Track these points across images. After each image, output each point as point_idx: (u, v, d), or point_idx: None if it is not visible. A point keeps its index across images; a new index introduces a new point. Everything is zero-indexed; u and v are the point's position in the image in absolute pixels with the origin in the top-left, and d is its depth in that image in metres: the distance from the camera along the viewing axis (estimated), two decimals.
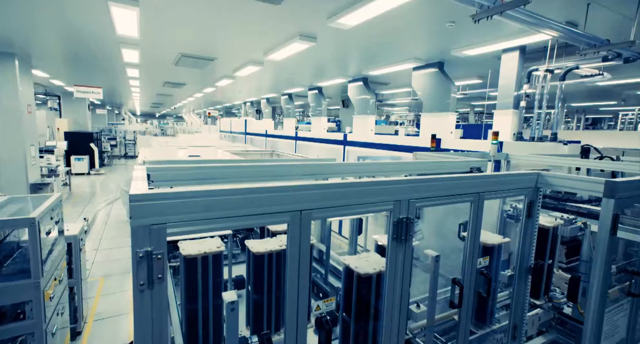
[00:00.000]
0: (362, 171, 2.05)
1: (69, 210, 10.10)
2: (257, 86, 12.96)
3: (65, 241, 3.62)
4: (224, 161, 2.66)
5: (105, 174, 17.25)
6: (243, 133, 16.15)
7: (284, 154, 4.16)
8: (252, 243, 2.08)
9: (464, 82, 9.89)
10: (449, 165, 2.42)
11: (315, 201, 1.14)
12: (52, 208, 2.97)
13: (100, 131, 22.92)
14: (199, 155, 2.88)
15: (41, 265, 2.59)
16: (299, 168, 1.80)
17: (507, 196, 1.81)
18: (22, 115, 8.57)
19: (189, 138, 6.57)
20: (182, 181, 1.52)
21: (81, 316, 3.95)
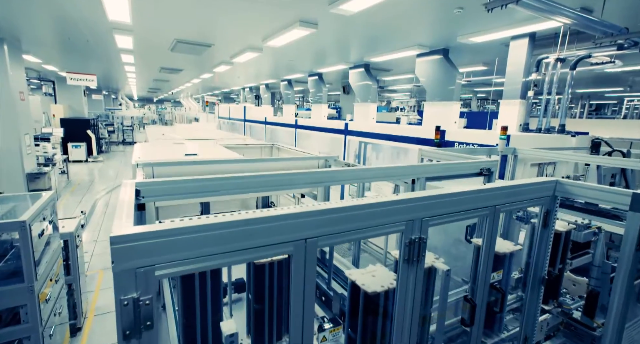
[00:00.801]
0: (368, 176, 1.93)
1: (67, 199, 10.03)
2: (256, 72, 12.63)
3: (61, 238, 3.54)
4: (222, 161, 2.54)
5: (104, 161, 17.11)
6: (242, 119, 15.89)
7: (283, 148, 4.02)
8: None
9: (469, 68, 9.61)
10: (458, 167, 2.30)
11: (321, 227, 1.03)
12: (44, 207, 2.86)
13: (97, 117, 22.59)
14: (196, 153, 2.74)
15: (34, 268, 2.51)
16: (302, 177, 1.68)
17: (523, 207, 1.71)
18: (14, 102, 8.35)
19: (187, 129, 6.40)
20: (175, 195, 1.40)
21: (80, 311, 3.92)
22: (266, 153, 4.26)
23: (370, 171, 1.91)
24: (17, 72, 8.69)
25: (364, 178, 1.92)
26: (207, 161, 2.49)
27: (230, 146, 3.95)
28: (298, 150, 3.70)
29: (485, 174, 2.45)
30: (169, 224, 0.82)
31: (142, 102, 48.19)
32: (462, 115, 7.64)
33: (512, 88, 5.62)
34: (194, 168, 2.52)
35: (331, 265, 2.47)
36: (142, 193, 1.32)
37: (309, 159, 2.95)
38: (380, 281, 1.54)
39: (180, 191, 1.39)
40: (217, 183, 1.47)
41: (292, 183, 1.65)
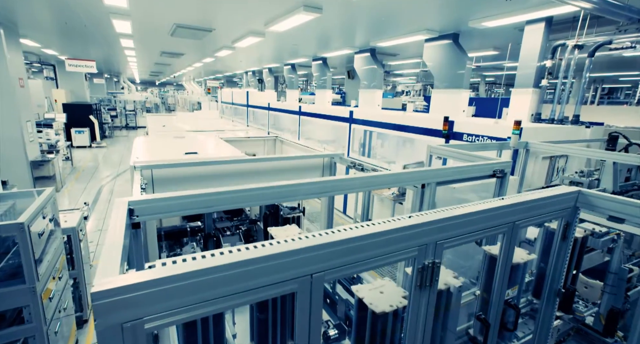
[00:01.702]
0: (376, 183, 1.82)
1: (72, 187, 10.07)
2: (258, 56, 12.31)
3: (64, 233, 3.52)
4: (223, 162, 2.44)
5: (107, 147, 17.09)
6: (245, 105, 15.66)
7: (287, 141, 3.89)
8: None
9: (479, 53, 9.25)
10: (470, 170, 2.19)
11: (327, 261, 0.94)
12: (43, 206, 2.81)
13: (100, 101, 22.40)
14: (196, 151, 2.64)
15: (35, 269, 2.48)
16: (305, 188, 1.58)
17: (543, 222, 1.60)
18: (14, 89, 8.22)
19: (188, 118, 6.27)
20: (171, 212, 1.31)
21: (86, 304, 3.96)
22: (269, 145, 4.15)
23: (378, 178, 1.80)
24: (15, 57, 8.51)
25: (371, 186, 1.82)
26: (207, 162, 2.40)
27: (231, 139, 3.84)
28: (301, 144, 3.57)
29: (499, 176, 2.33)
30: (161, 271, 0.74)
31: (144, 85, 47.72)
32: (471, 103, 7.38)
33: (525, 76, 5.37)
34: (194, 169, 2.43)
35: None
36: (136, 212, 1.23)
37: (313, 157, 2.84)
38: (389, 299, 1.46)
39: (176, 208, 1.31)
40: (216, 198, 1.38)
41: (294, 195, 1.56)
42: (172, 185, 2.42)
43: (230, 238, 3.46)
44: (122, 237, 0.94)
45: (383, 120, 6.78)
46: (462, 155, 2.64)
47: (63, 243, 3.41)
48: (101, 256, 0.83)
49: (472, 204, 1.33)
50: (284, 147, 4.06)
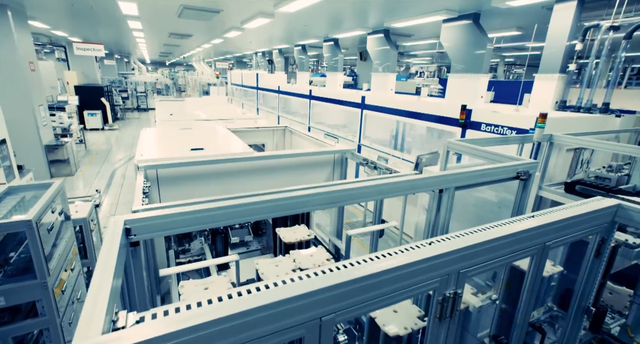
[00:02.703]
0: (393, 190, 1.69)
1: (86, 170, 10.23)
2: (268, 37, 11.93)
3: (75, 224, 3.54)
4: (230, 160, 2.34)
5: (120, 129, 17.22)
6: (255, 87, 15.42)
7: (296, 132, 3.77)
8: (262, 268, 1.85)
9: (499, 34, 8.71)
10: (492, 173, 2.03)
11: (339, 302, 0.84)
12: (52, 200, 2.79)
13: (111, 83, 22.42)
14: (202, 147, 2.54)
15: (45, 265, 2.49)
16: (315, 198, 1.46)
17: (576, 240, 1.46)
18: (25, 73, 8.20)
19: (196, 104, 6.16)
20: (171, 229, 1.23)
21: None
22: (278, 136, 4.02)
23: (393, 185, 1.67)
24: (25, 40, 8.43)
25: (385, 193, 1.69)
26: (212, 160, 2.30)
27: (239, 130, 3.72)
28: (312, 136, 3.44)
29: (523, 178, 2.17)
30: (151, 328, 0.64)
31: (155, 66, 47.51)
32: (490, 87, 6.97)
33: (551, 60, 5.00)
34: (200, 168, 2.34)
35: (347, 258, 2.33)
36: (133, 231, 1.15)
37: (323, 153, 2.72)
38: (403, 319, 1.38)
39: (177, 225, 1.22)
40: (219, 213, 1.28)
41: (303, 206, 1.45)
42: (177, 183, 2.34)
43: (239, 231, 3.41)
44: (112, 273, 0.85)
45: (397, 107, 6.53)
46: (482, 153, 2.46)
47: (75, 233, 3.43)
48: (85, 303, 0.74)
49: (498, 225, 1.20)
50: (293, 137, 3.94)
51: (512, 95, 7.71)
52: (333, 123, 9.89)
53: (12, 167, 6.81)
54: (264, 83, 14.24)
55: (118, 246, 1.03)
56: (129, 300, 1.20)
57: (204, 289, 1.41)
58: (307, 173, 2.79)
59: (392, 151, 6.69)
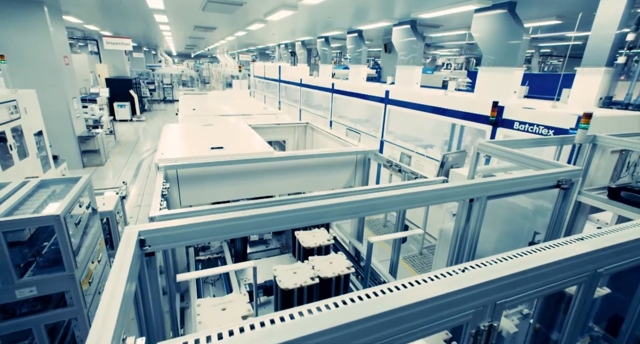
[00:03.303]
0: (420, 199, 1.58)
1: (115, 160, 10.64)
2: (291, 29, 11.81)
3: (101, 216, 3.66)
4: (249, 161, 2.30)
5: (147, 120, 17.78)
6: (277, 80, 15.41)
7: (318, 129, 3.68)
8: (280, 275, 1.81)
9: (537, 23, 8.15)
10: (529, 182, 1.86)
11: (367, 335, 0.76)
12: (79, 195, 2.88)
13: (139, 75, 23.13)
14: (222, 146, 2.52)
15: (73, 258, 2.57)
16: (336, 209, 1.38)
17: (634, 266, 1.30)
18: (60, 67, 8.56)
19: (219, 98, 6.19)
20: (186, 240, 1.19)
21: None
22: (300, 133, 3.95)
23: (419, 194, 1.56)
24: (59, 35, 8.77)
25: (412, 203, 1.58)
26: (232, 161, 2.27)
27: (260, 127, 3.68)
28: (333, 134, 3.34)
29: (564, 187, 1.98)
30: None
31: (180, 58, 48.58)
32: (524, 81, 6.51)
33: (597, 52, 4.58)
34: (219, 168, 2.31)
35: (368, 265, 2.25)
36: (147, 242, 1.12)
37: (346, 154, 2.62)
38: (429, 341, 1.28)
39: (192, 235, 1.18)
40: (237, 224, 1.23)
41: (324, 217, 1.37)
42: (197, 183, 2.33)
43: None
44: (122, 291, 0.81)
45: (422, 102, 6.28)
46: (517, 158, 2.28)
47: (102, 225, 3.55)
48: (92, 325, 0.71)
49: (541, 249, 1.08)
50: (315, 134, 3.85)
51: (549, 89, 7.20)
52: (356, 117, 9.71)
53: (48, 157, 7.17)
54: (286, 76, 14.18)
55: (131, 258, 1.00)
56: (143, 310, 1.18)
57: (221, 310, 1.37)
58: (328, 174, 2.71)
59: (416, 148, 6.47)
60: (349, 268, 1.89)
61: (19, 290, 2.50)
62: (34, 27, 7.95)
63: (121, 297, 0.85)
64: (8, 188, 2.85)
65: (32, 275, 2.55)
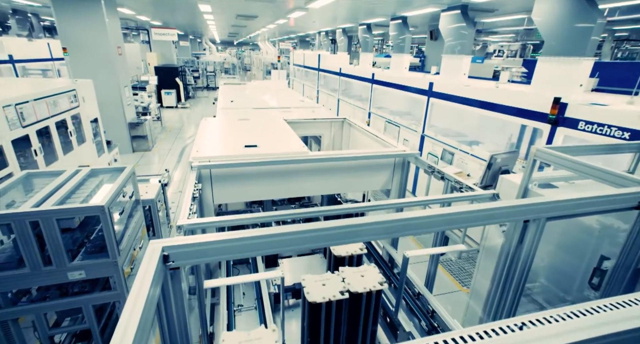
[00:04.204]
0: (464, 220, 1.41)
1: (161, 146, 11.25)
2: (332, 16, 11.51)
3: (144, 204, 3.84)
4: (282, 162, 2.23)
5: (190, 107, 18.57)
6: (316, 69, 15.24)
7: (355, 125, 3.54)
8: (308, 286, 1.73)
9: (615, 4, 7.12)
10: (600, 202, 1.59)
11: None
12: (123, 185, 3.02)
13: (185, 63, 24.11)
14: (256, 144, 2.47)
15: (116, 246, 2.72)
16: (369, 229, 1.26)
17: None
18: (114, 57, 9.09)
19: (257, 89, 6.21)
20: (211, 257, 1.14)
21: None
22: (336, 129, 3.82)
23: (464, 215, 1.38)
24: (114, 27, 9.27)
25: (455, 223, 1.41)
26: (265, 162, 2.21)
27: (296, 121, 3.61)
28: (371, 131, 3.17)
29: None
30: None
31: (224, 45, 49.90)
32: (593, 72, 5.64)
33: None
34: (253, 169, 2.27)
35: (402, 282, 2.12)
36: (171, 258, 1.08)
37: (384, 157, 2.46)
38: None
39: (218, 252, 1.12)
40: (264, 242, 1.15)
41: (354, 236, 1.26)
42: (230, 182, 2.32)
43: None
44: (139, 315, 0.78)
45: (469, 96, 5.82)
46: (587, 170, 1.98)
47: (144, 213, 3.74)
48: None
49: (628, 312, 0.88)
50: (352, 131, 3.70)
51: (625, 80, 6.26)
52: (395, 109, 9.33)
53: (102, 142, 7.72)
54: (325, 65, 13.96)
55: (153, 274, 0.97)
56: (167, 325, 1.17)
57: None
58: (364, 176, 2.58)
59: (459, 145, 6.05)
60: (382, 284, 1.77)
61: (70, 272, 2.70)
62: (91, 19, 8.46)
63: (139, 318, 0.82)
64: (62, 176, 3.06)
65: (81, 259, 2.74)
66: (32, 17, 15.42)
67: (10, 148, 4.43)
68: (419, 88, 7.19)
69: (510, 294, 1.86)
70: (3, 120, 4.36)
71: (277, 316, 2.28)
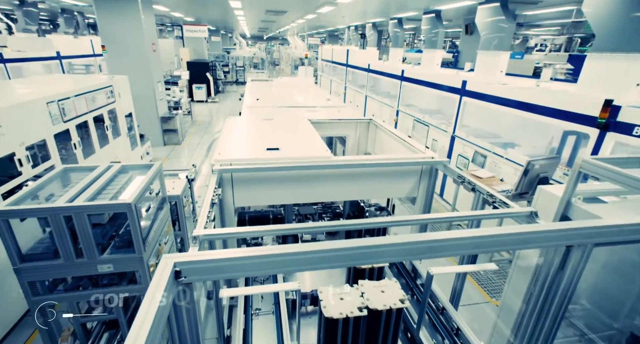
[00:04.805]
0: (496, 244, 1.28)
1: (190, 140, 11.59)
2: (362, 11, 11.25)
3: (170, 200, 3.95)
4: (305, 167, 2.17)
5: (219, 102, 18.99)
6: (344, 64, 15.03)
7: (381, 127, 3.42)
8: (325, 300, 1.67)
9: None
10: None
11: None
12: (151, 182, 3.10)
13: (216, 58, 24.65)
14: (278, 147, 2.43)
15: (142, 242, 2.80)
16: (394, 250, 1.17)
17: None
18: (148, 54, 9.42)
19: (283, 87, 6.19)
20: (225, 274, 1.10)
21: None
22: (362, 129, 3.71)
23: (496, 237, 1.25)
24: (149, 24, 9.59)
25: (486, 247, 1.28)
26: (287, 167, 2.16)
27: (321, 122, 3.53)
28: (397, 134, 3.04)
29: None
30: None
31: (254, 40, 50.55)
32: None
33: None
34: (275, 174, 2.23)
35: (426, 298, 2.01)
36: (183, 273, 1.05)
37: (411, 164, 2.33)
38: None
39: (231, 269, 1.08)
40: (279, 260, 1.10)
41: (376, 256, 1.17)
42: (251, 185, 2.30)
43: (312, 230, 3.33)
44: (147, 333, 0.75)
45: (506, 96, 5.46)
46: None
47: (170, 208, 3.84)
48: None
49: None
50: (378, 132, 3.58)
51: None
52: (425, 107, 9.00)
53: (135, 136, 8.07)
54: (353, 61, 13.72)
55: (163, 291, 0.94)
56: (179, 338, 1.15)
57: None
58: (389, 182, 2.47)
59: (492, 147, 5.73)
60: (403, 301, 1.68)
61: (99, 265, 2.81)
62: (128, 17, 8.79)
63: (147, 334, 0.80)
64: (95, 172, 3.18)
65: (110, 253, 2.85)
66: (78, 15, 16.33)
67: (52, 142, 4.71)
68: (451, 86, 6.87)
69: (548, 320, 1.70)
70: (46, 115, 4.63)
71: (295, 322, 2.25)
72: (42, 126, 4.54)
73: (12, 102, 4.11)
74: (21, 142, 4.06)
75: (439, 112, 8.32)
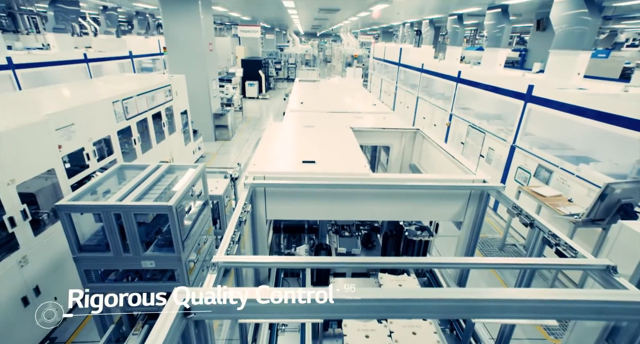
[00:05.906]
0: (560, 311, 1.04)
1: (240, 136, 12.02)
2: (418, 7, 10.69)
3: (212, 199, 4.07)
4: (341, 186, 2.05)
5: (270, 99, 19.49)
6: (396, 63, 14.48)
7: (429, 139, 3.17)
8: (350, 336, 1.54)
9: None
10: None
11: None
12: (193, 184, 3.20)
13: (269, 55, 25.33)
14: (314, 160, 2.33)
15: (181, 243, 2.90)
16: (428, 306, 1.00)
17: None
18: (205, 53, 9.91)
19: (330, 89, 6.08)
20: (236, 314, 1.02)
21: None
22: (407, 139, 3.47)
23: (558, 303, 1.01)
24: (207, 24, 10.07)
25: (548, 313, 1.05)
26: (320, 185, 2.06)
27: (363, 130, 3.37)
28: (446, 149, 2.77)
29: None
30: None
31: (307, 37, 51.17)
32: None
33: None
34: (310, 190, 2.15)
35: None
36: (193, 310, 1.00)
37: (457, 188, 2.09)
38: None
39: (246, 311, 1.00)
40: (292, 307, 1.00)
41: (400, 311, 1.02)
42: (284, 199, 2.24)
43: (347, 241, 3.20)
44: None
45: (581, 104, 4.76)
46: None
47: (211, 208, 3.96)
48: None
49: None
50: (424, 143, 3.33)
51: None
52: (482, 111, 8.29)
53: (189, 132, 8.56)
54: (406, 59, 13.13)
55: (168, 329, 0.89)
56: None
57: None
58: (432, 205, 2.25)
59: (561, 162, 5.06)
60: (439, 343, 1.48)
61: (143, 261, 2.99)
62: (188, 18, 9.30)
63: None
64: (146, 171, 3.37)
65: (152, 250, 3.01)
66: (149, 17, 17.81)
67: (115, 138, 5.14)
68: (514, 90, 6.21)
69: None
70: (112, 113, 5.06)
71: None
72: (108, 123, 4.96)
73: (83, 102, 4.53)
74: (89, 138, 4.47)
75: (498, 117, 7.61)
